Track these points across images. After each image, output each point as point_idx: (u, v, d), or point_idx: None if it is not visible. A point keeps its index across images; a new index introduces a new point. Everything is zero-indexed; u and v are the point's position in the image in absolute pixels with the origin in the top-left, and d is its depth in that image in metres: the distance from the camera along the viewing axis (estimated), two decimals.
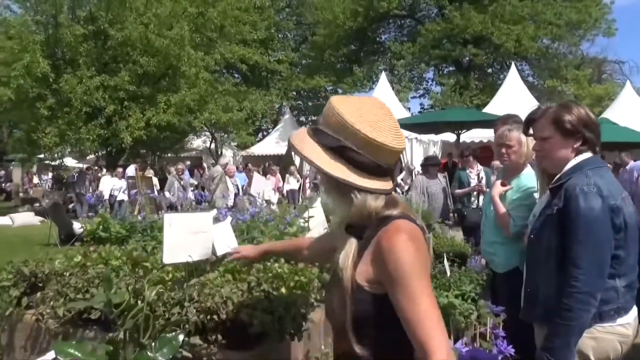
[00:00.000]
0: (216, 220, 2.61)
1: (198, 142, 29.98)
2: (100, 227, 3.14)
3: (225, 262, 2.52)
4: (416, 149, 21.37)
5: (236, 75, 35.00)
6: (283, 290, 2.42)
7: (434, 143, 21.58)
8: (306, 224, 3.00)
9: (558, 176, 2.47)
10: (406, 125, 19.76)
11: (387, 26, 37.22)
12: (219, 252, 2.52)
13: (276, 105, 35.78)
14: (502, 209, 3.44)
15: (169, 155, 25.41)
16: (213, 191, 9.46)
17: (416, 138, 20.97)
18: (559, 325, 2.22)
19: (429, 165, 8.28)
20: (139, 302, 1.96)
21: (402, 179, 16.70)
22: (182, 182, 14.13)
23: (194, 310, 2.19)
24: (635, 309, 2.39)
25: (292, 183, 17.79)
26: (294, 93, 36.97)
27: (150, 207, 4.01)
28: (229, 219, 2.71)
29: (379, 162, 1.44)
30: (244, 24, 25.36)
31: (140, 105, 20.36)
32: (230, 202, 8.28)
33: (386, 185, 1.48)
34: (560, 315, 2.22)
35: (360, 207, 1.45)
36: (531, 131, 2.65)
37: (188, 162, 20.05)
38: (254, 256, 2.20)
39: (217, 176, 10.93)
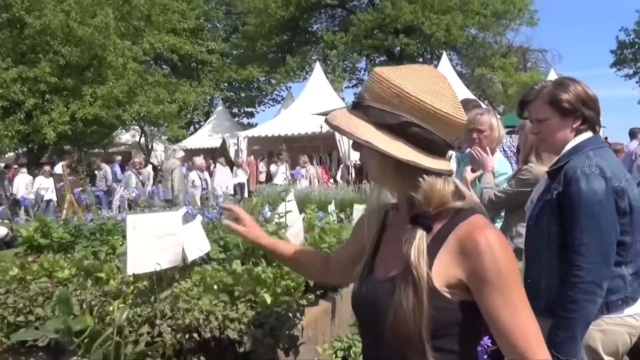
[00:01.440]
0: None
1: (127, 137, 28.73)
2: (39, 232, 2.68)
3: (198, 268, 2.17)
4: None
5: (165, 67, 33.84)
6: (268, 298, 2.10)
7: None
8: (282, 219, 2.68)
9: (557, 158, 2.31)
10: None
11: (319, 16, 37.00)
12: (190, 257, 2.17)
13: (208, 97, 34.92)
14: (475, 197, 3.27)
15: (96, 150, 24.16)
16: (173, 187, 8.86)
17: None
18: (563, 319, 2.05)
19: None
20: (105, 325, 1.60)
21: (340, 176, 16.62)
22: (140, 177, 13.22)
23: (168, 329, 1.83)
24: None
25: (241, 176, 17.16)
26: (226, 84, 36.23)
27: (82, 212, 3.53)
28: (199, 218, 2.35)
29: (444, 137, 1.24)
30: (172, 13, 24.46)
31: (63, 98, 19.27)
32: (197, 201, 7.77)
33: (449, 166, 1.28)
34: (564, 307, 2.05)
35: (429, 194, 1.23)
36: (526, 114, 2.46)
37: (119, 157, 19.04)
38: (251, 232, 1.74)
39: (175, 169, 10.28)
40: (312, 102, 22.18)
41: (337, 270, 1.66)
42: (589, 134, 2.26)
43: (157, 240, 2.00)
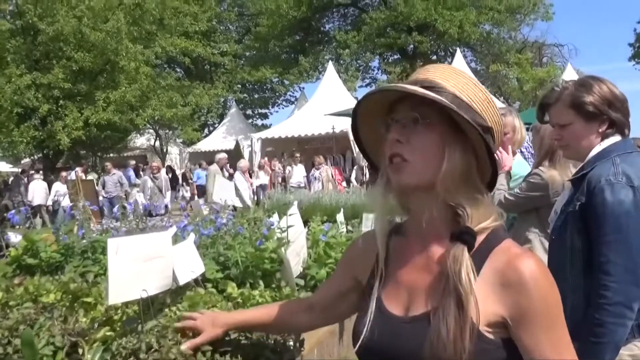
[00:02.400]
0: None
1: (142, 140, 28.86)
2: (28, 252, 2.54)
3: (190, 292, 2.00)
4: None
5: (178, 70, 33.94)
6: None
7: None
8: (284, 234, 2.52)
9: (580, 166, 2.12)
10: None
11: (331, 15, 36.88)
12: (182, 281, 2.01)
13: (221, 99, 34.96)
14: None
15: (111, 155, 24.25)
16: (210, 193, 8.74)
17: None
18: (590, 343, 1.85)
19: None
20: None
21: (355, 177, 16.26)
22: (156, 182, 12.98)
23: None
24: None
25: (262, 177, 16.62)
26: (239, 86, 36.26)
27: (96, 220, 3.36)
28: (192, 236, 2.19)
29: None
30: (184, 16, 24.44)
31: (77, 103, 19.32)
32: (247, 202, 7.47)
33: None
34: (591, 331, 1.86)
35: (483, 210, 1.10)
36: (546, 117, 2.25)
37: (132, 162, 19.06)
38: (210, 332, 1.52)
39: (210, 174, 10.15)
40: (325, 103, 22.03)
41: (325, 313, 1.41)
42: (616, 138, 2.05)
43: (143, 265, 1.83)
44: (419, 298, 1.09)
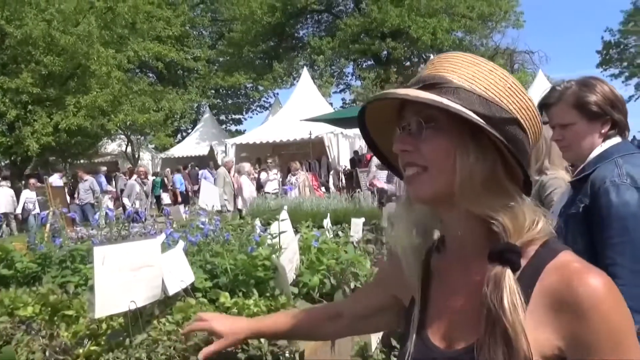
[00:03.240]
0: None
1: (113, 146, 28.31)
2: (2, 262, 2.37)
3: (180, 303, 1.89)
4: (342, 144, 21.20)
5: (151, 75, 33.48)
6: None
7: (359, 137, 21.59)
8: (275, 240, 2.42)
9: (581, 167, 2.06)
10: (331, 120, 19.60)
11: (305, 21, 36.86)
12: (172, 291, 1.90)
13: (195, 105, 34.61)
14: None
15: (82, 161, 23.71)
16: (220, 195, 8.54)
17: (342, 133, 20.79)
18: None
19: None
20: None
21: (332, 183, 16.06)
22: (144, 188, 12.60)
23: None
24: None
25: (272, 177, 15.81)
26: (213, 91, 35.97)
27: (70, 228, 3.19)
28: (181, 243, 2.08)
29: (529, 154, 0.98)
30: (157, 20, 24.13)
31: (46, 108, 18.81)
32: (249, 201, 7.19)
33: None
34: None
35: (522, 219, 0.92)
36: (545, 118, 2.20)
37: (104, 168, 18.63)
38: (231, 337, 1.35)
39: (219, 177, 9.93)
40: (300, 108, 21.98)
41: (356, 323, 1.29)
42: (617, 139, 2.01)
43: (131, 274, 1.73)
44: (463, 328, 0.94)
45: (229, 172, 11.91)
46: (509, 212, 0.92)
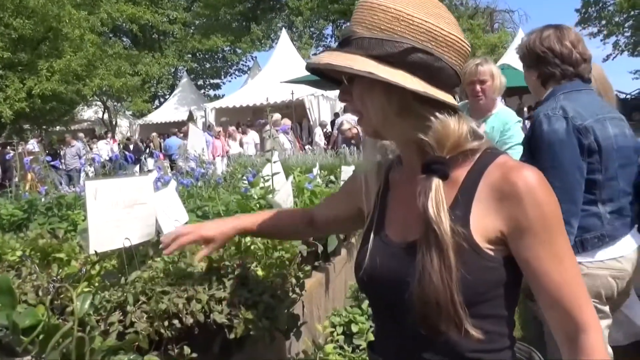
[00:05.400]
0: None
1: (89, 113, 27.76)
2: None
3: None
4: (323, 106, 21.01)
5: (125, 40, 32.63)
6: (260, 272, 1.81)
7: None
8: (268, 183, 2.36)
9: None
10: (311, 82, 19.33)
11: None
12: (166, 230, 1.86)
13: (172, 69, 33.93)
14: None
15: (58, 128, 23.24)
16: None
17: (322, 95, 20.59)
18: None
19: None
20: (62, 318, 1.29)
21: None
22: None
23: (144, 316, 1.52)
24: (633, 241, 2.17)
25: (233, 147, 15.60)
26: (190, 55, 35.21)
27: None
28: (173, 183, 2.02)
29: (453, 67, 1.04)
30: None
31: (18, 73, 18.35)
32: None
33: (457, 102, 1.06)
34: None
35: (442, 135, 1.03)
36: None
37: (81, 134, 18.26)
38: (220, 238, 1.46)
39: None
40: (279, 71, 21.64)
41: (327, 230, 1.60)
42: (568, 82, 2.22)
43: (124, 211, 1.67)
44: (414, 226, 1.06)
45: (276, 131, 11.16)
46: (430, 130, 1.03)
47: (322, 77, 1.18)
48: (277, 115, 12.05)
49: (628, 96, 30.60)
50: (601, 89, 2.58)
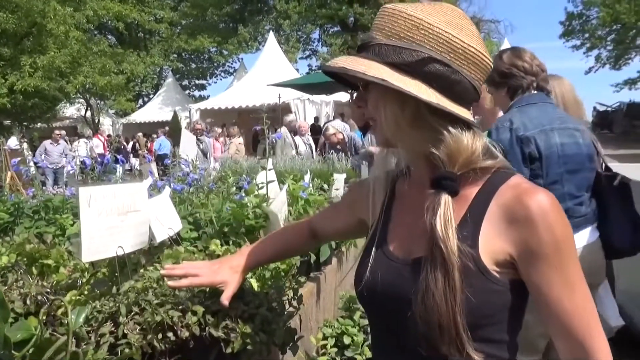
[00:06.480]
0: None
1: (72, 110, 27.37)
2: None
3: (168, 250, 1.80)
4: (309, 111, 20.99)
5: (110, 37, 32.27)
6: (255, 283, 1.77)
7: (326, 104, 21.41)
8: (262, 191, 2.32)
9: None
10: (297, 86, 19.32)
11: None
12: (159, 238, 1.81)
13: (157, 69, 33.64)
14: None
15: (39, 125, 22.87)
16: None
17: (308, 99, 20.58)
18: None
19: None
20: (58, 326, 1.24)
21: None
22: (201, 146, 10.58)
23: (137, 328, 1.47)
24: (577, 240, 2.25)
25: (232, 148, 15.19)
26: (176, 55, 34.98)
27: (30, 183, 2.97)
28: (167, 189, 1.97)
29: (471, 81, 1.02)
30: None
31: (0, 69, 17.92)
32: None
33: (471, 118, 1.04)
34: None
35: (454, 150, 1.01)
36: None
37: (63, 132, 17.98)
38: (236, 281, 1.41)
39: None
40: (266, 73, 21.59)
41: (324, 240, 1.61)
42: (526, 95, 2.40)
43: (118, 219, 1.62)
44: (419, 242, 1.04)
45: (290, 133, 10.91)
46: (442, 144, 1.01)
47: (340, 81, 1.17)
48: (291, 116, 11.88)
49: (609, 108, 31.09)
50: (563, 101, 2.75)
